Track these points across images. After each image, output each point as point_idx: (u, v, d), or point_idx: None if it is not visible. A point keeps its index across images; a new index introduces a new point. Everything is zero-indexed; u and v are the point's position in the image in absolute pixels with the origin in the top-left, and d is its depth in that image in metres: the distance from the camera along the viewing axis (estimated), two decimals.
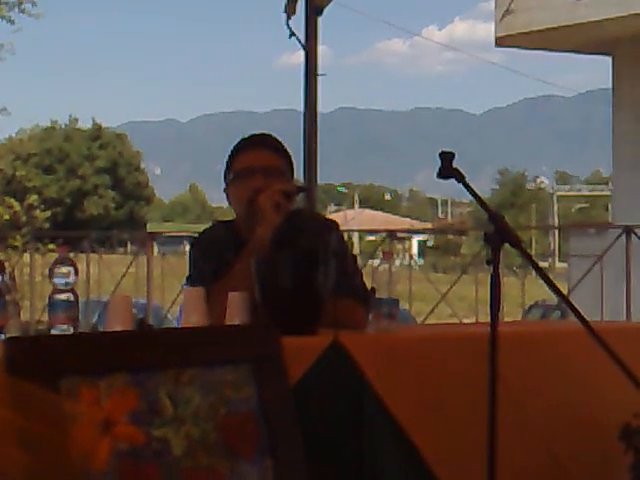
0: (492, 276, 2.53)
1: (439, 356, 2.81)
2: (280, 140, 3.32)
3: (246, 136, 3.34)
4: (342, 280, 2.94)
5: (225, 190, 3.28)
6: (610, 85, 13.65)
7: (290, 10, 6.01)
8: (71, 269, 2.48)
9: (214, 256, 3.13)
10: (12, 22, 21.16)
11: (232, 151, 3.29)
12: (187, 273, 3.22)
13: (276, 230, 3.08)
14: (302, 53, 6.32)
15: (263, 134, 3.35)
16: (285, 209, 3.11)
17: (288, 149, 3.33)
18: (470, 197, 2.69)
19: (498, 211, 2.64)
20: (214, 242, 3.20)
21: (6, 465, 1.96)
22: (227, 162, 3.29)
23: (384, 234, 8.99)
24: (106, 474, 2.04)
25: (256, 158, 3.20)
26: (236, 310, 2.66)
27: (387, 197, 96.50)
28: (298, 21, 6.31)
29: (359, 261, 3.41)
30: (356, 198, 74.12)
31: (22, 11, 21.21)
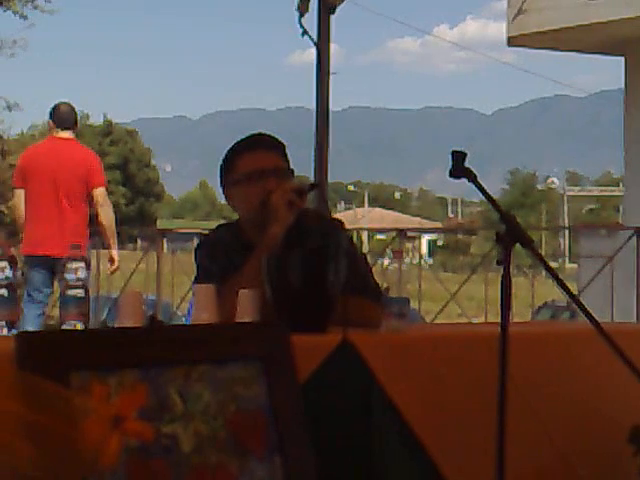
0: (503, 276, 2.52)
1: (448, 356, 2.81)
2: (280, 140, 3.29)
3: (244, 137, 3.28)
4: (355, 279, 2.94)
5: (226, 191, 3.23)
6: (622, 86, 13.61)
7: (303, 8, 6.02)
8: (82, 265, 2.48)
9: (220, 258, 3.12)
10: (25, 17, 21.20)
11: (233, 152, 3.22)
12: (194, 275, 3.21)
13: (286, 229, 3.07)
14: (313, 51, 6.33)
15: (263, 134, 3.30)
16: (298, 207, 3.10)
17: (286, 148, 3.29)
18: (480, 197, 2.69)
19: (509, 211, 2.64)
20: (219, 244, 3.18)
21: (16, 459, 1.97)
22: (226, 163, 3.22)
23: (394, 233, 9.00)
24: (115, 469, 2.05)
25: (265, 159, 3.17)
26: (246, 308, 2.66)
27: (397, 196, 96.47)
28: (310, 19, 6.31)
29: (368, 260, 3.41)
30: (366, 197, 74.11)
31: (35, 7, 21.24)
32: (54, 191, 6.65)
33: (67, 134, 6.82)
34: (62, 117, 6.79)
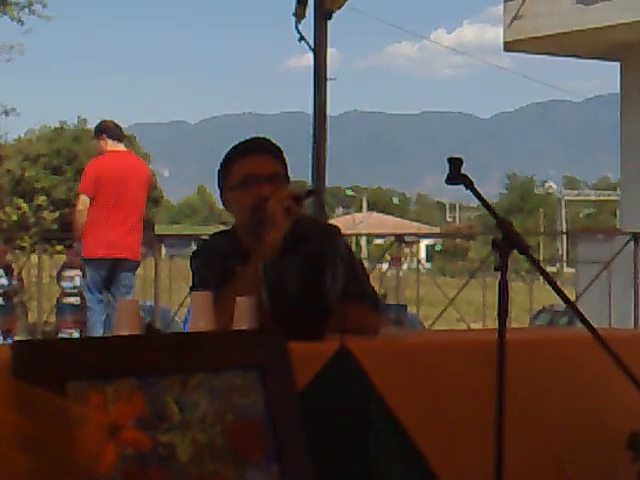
0: (500, 283, 2.52)
1: (446, 362, 2.81)
2: (277, 144, 3.28)
3: (241, 141, 3.27)
4: (353, 286, 2.94)
5: (222, 197, 3.22)
6: (618, 90, 13.63)
7: (299, 13, 6.00)
8: (78, 272, 2.48)
9: (216, 265, 3.10)
10: (22, 22, 21.22)
11: (229, 156, 3.21)
12: (191, 283, 3.20)
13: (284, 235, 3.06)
14: (311, 56, 6.32)
15: (260, 139, 3.29)
16: (295, 214, 3.08)
17: (284, 153, 3.28)
18: (478, 201, 2.69)
19: (506, 217, 2.64)
20: (215, 252, 3.16)
21: (12, 469, 1.96)
22: (223, 168, 3.21)
23: (392, 238, 9.00)
24: (112, 479, 2.04)
25: (260, 164, 3.15)
26: (244, 315, 2.66)
27: (395, 201, 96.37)
28: (307, 24, 6.30)
29: (366, 265, 3.40)
30: (364, 201, 74.07)
31: (32, 12, 21.26)
32: (125, 198, 7.45)
33: (122, 146, 7.65)
34: (114, 132, 7.61)
